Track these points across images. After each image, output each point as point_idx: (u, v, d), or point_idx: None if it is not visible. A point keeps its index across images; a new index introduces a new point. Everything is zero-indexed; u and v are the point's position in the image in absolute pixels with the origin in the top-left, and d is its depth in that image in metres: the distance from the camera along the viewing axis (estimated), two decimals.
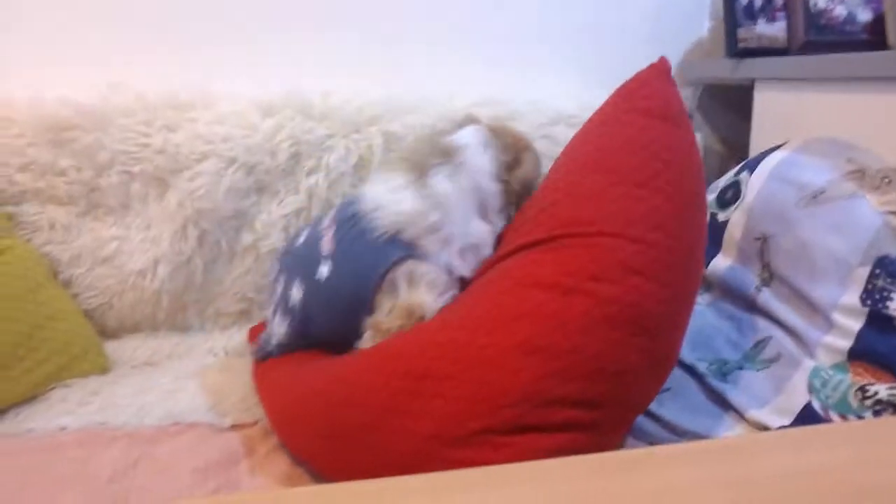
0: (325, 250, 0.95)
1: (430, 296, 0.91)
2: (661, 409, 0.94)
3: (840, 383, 0.85)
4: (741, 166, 1.16)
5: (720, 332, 1.05)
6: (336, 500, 0.45)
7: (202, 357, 1.23)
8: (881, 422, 0.65)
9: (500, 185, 0.99)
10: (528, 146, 1.08)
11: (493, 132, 1.04)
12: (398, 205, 0.93)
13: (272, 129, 1.28)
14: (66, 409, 1.02)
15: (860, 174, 0.97)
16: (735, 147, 1.61)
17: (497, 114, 1.35)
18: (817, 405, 0.86)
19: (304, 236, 1.02)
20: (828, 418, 0.84)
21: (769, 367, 0.95)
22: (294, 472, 0.87)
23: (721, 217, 1.13)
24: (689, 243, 0.84)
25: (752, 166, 1.12)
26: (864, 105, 1.13)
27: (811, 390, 0.87)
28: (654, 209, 0.82)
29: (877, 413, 0.81)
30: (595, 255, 0.79)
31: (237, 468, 0.88)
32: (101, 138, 1.22)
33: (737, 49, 1.42)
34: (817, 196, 0.98)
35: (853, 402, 0.83)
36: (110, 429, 0.97)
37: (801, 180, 1.02)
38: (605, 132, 0.94)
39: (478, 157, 0.98)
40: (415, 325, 0.89)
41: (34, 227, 1.24)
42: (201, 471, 0.87)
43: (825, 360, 0.89)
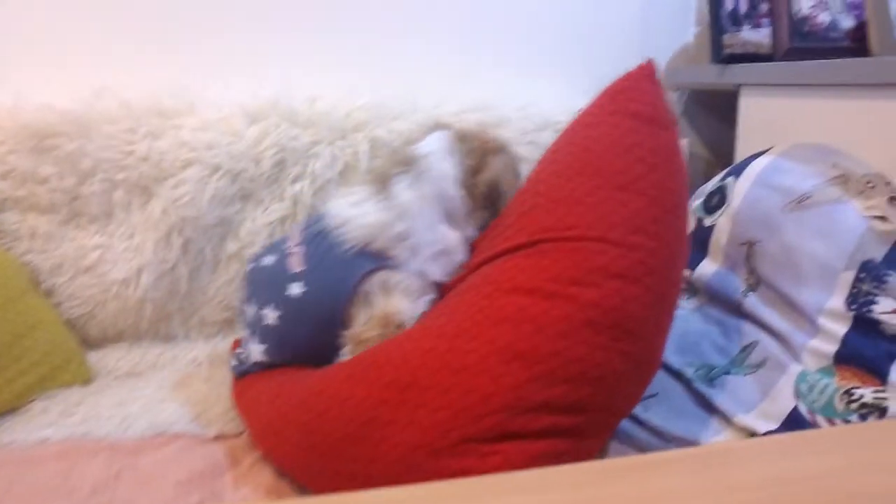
0: (296, 269, 0.95)
1: (407, 302, 0.91)
2: (648, 414, 0.94)
3: (826, 387, 0.85)
4: (727, 171, 1.16)
5: (707, 336, 1.05)
6: None
7: (186, 367, 1.22)
8: (870, 426, 0.64)
9: (465, 189, 0.99)
10: (498, 149, 1.06)
11: (460, 137, 1.03)
12: (363, 218, 0.93)
13: (257, 136, 1.27)
14: (48, 421, 1.01)
15: (844, 179, 0.97)
16: (720, 152, 1.62)
17: (484, 120, 1.35)
18: (804, 409, 0.86)
19: (272, 258, 1.00)
20: (814, 422, 0.84)
21: (756, 371, 0.95)
22: (279, 484, 0.86)
23: (707, 222, 1.13)
24: (671, 246, 0.84)
25: (738, 171, 1.12)
26: (847, 111, 1.14)
27: (798, 395, 0.88)
28: (636, 212, 0.82)
29: (863, 417, 0.81)
30: (576, 260, 0.79)
31: (221, 480, 0.88)
32: (84, 145, 1.21)
33: (722, 55, 1.43)
34: (803, 201, 0.98)
35: (839, 405, 0.83)
36: (93, 440, 0.96)
37: (786, 185, 1.02)
38: (589, 134, 0.93)
39: (441, 164, 0.98)
40: (395, 332, 0.89)
41: (15, 236, 1.22)
42: (185, 483, 0.86)
43: (811, 364, 0.89)
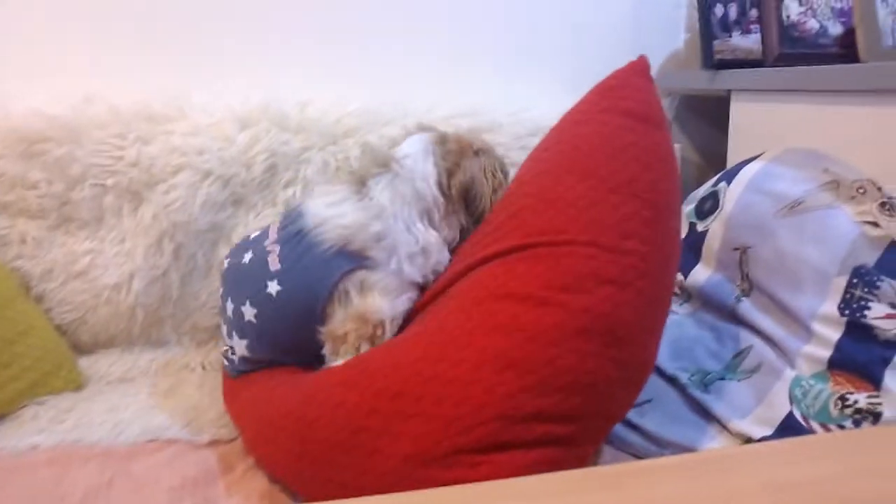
0: (273, 268, 0.95)
1: (385, 301, 0.92)
2: (643, 420, 0.94)
3: (821, 393, 0.86)
4: (719, 177, 1.17)
5: (700, 342, 1.05)
6: None
7: (179, 372, 1.22)
8: (864, 432, 0.65)
9: (440, 191, 0.99)
10: (478, 152, 1.05)
11: (440, 139, 1.03)
12: (341, 218, 0.94)
13: (248, 142, 1.26)
14: (39, 427, 1.00)
15: (836, 184, 0.98)
16: (712, 157, 1.63)
17: (477, 125, 1.35)
18: (798, 415, 0.86)
19: (249, 255, 1.00)
20: (809, 428, 0.85)
21: (750, 377, 0.95)
22: (272, 491, 0.86)
23: (700, 227, 1.14)
24: (664, 249, 0.83)
25: (730, 177, 1.12)
26: (837, 116, 1.15)
27: (792, 400, 0.88)
28: (628, 216, 0.81)
29: (857, 422, 0.81)
30: (568, 266, 0.78)
31: (214, 486, 0.87)
32: (73, 151, 1.19)
33: (713, 61, 1.43)
34: (795, 206, 0.98)
35: (833, 411, 0.83)
36: (84, 447, 0.95)
37: (778, 191, 1.02)
38: (580, 132, 0.92)
39: (418, 165, 0.98)
40: (373, 331, 0.90)
41: (4, 242, 1.21)
42: (177, 489, 0.86)
43: (805, 369, 0.89)
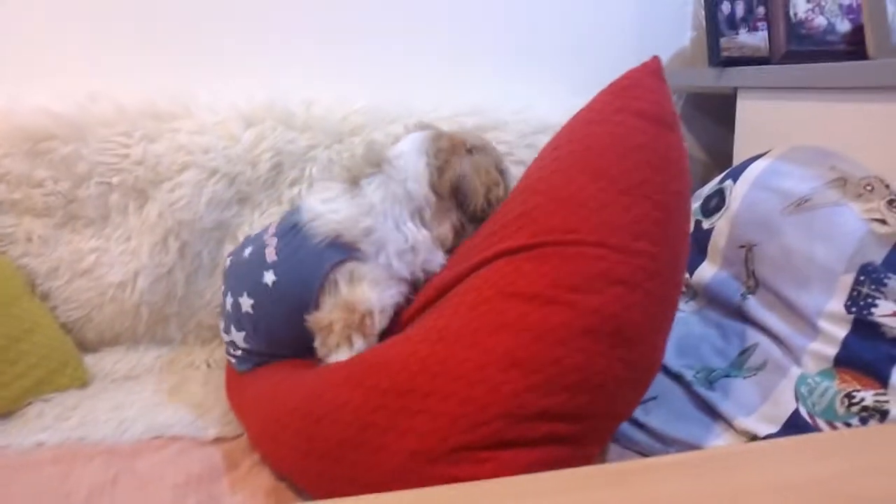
0: (270, 259, 0.98)
1: (374, 292, 0.94)
2: (648, 418, 0.93)
3: (827, 390, 0.85)
4: (725, 174, 1.16)
5: (706, 339, 1.05)
6: None
7: (183, 370, 1.22)
8: (871, 430, 0.64)
9: (432, 189, 1.00)
10: (470, 150, 1.04)
11: (435, 138, 1.04)
12: (335, 213, 0.97)
13: (253, 140, 1.26)
14: (44, 425, 1.00)
15: (843, 182, 0.97)
16: (718, 155, 1.62)
17: (482, 123, 1.35)
18: (804, 412, 0.86)
19: (249, 249, 1.03)
20: (815, 425, 0.84)
21: (756, 374, 0.95)
22: (278, 487, 0.86)
23: (706, 225, 1.13)
24: (673, 250, 0.83)
25: (736, 174, 1.12)
26: (844, 114, 1.14)
27: (798, 397, 0.87)
28: (639, 217, 0.81)
29: (863, 420, 0.81)
30: (577, 266, 0.78)
31: (219, 484, 0.87)
32: (79, 149, 1.20)
33: (719, 58, 1.43)
34: (801, 204, 0.98)
35: (840, 408, 0.83)
36: (89, 444, 0.96)
37: (784, 188, 1.02)
38: (592, 131, 0.91)
39: (410, 165, 1.00)
40: (360, 320, 0.92)
41: (10, 240, 1.22)
42: (182, 486, 0.86)
43: (812, 367, 0.89)
